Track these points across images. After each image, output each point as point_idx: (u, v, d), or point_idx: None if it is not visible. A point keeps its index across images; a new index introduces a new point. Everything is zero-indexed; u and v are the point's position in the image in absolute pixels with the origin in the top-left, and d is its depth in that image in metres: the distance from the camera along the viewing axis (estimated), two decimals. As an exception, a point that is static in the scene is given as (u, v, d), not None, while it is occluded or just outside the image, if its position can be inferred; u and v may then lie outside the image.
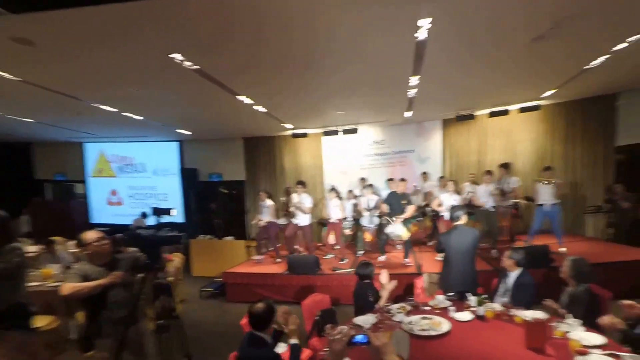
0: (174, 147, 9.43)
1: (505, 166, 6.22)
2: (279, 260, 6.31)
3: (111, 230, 8.91)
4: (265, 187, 8.90)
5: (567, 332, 2.26)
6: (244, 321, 2.94)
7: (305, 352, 2.93)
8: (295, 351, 2.23)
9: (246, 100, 5.47)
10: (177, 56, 3.70)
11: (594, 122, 7.03)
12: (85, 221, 9.85)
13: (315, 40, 3.58)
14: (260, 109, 6.07)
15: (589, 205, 7.10)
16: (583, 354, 1.96)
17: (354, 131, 7.77)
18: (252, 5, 2.86)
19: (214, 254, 7.30)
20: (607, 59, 4.50)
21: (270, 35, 3.41)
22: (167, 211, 3.39)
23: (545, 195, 5.48)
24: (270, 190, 8.83)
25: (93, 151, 9.98)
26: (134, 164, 9.87)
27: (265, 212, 6.32)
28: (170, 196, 9.63)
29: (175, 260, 5.29)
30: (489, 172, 5.93)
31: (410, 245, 5.56)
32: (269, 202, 6.34)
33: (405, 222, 5.67)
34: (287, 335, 2.29)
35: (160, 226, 3.16)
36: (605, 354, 1.96)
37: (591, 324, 2.40)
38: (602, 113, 6.96)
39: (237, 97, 5.28)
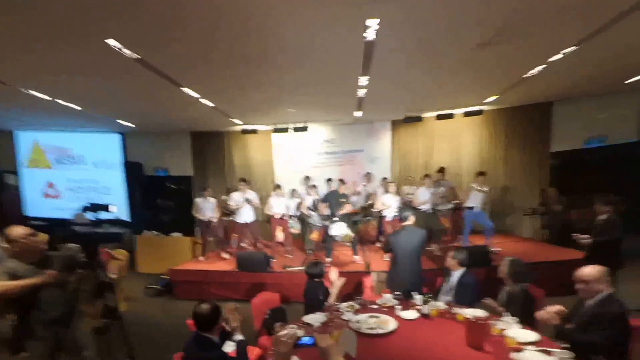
0: (116, 139, 9.37)
1: (441, 170, 6.53)
2: (226, 256, 6.61)
3: (48, 224, 8.16)
4: (215, 183, 9.13)
5: (504, 329, 2.48)
6: (191, 321, 2.86)
7: (255, 351, 3.06)
8: (241, 347, 2.26)
9: (192, 93, 5.58)
10: (115, 43, 3.60)
11: (532, 128, 7.87)
12: (19, 214, 9.61)
13: (266, 36, 3.68)
14: (208, 103, 6.24)
15: (525, 208, 7.89)
16: (518, 350, 2.16)
17: (304, 129, 8.15)
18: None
19: (160, 250, 7.49)
20: (543, 68, 5.09)
21: (219, 30, 3.48)
22: (105, 207, 3.11)
23: (476, 199, 6.01)
24: (219, 186, 8.59)
25: (26, 140, 9.72)
26: (72, 156, 9.69)
27: (209, 210, 6.52)
28: (113, 190, 9.68)
29: (118, 257, 5.38)
30: (427, 176, 6.50)
31: (357, 241, 5.97)
32: (213, 200, 6.62)
33: (354, 222, 5.72)
34: (231, 332, 2.31)
35: (99, 222, 2.89)
36: (538, 350, 2.16)
37: (526, 322, 2.66)
38: (539, 120, 7.80)
39: (182, 89, 5.36)
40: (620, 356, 2.17)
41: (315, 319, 2.85)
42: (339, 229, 5.38)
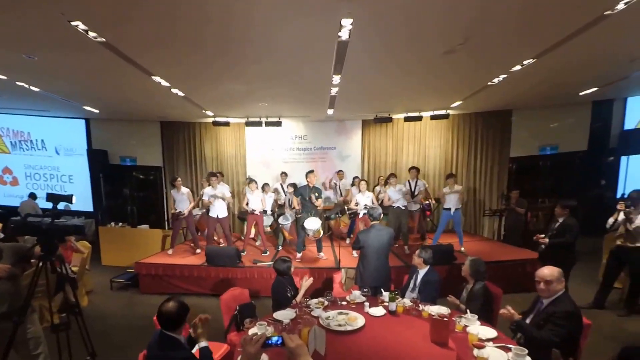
0: (80, 125, 8.87)
1: (415, 170, 6.74)
2: (198, 251, 6.50)
3: (4, 212, 7.62)
4: (186, 174, 8.97)
5: (466, 326, 2.60)
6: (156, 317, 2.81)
7: (223, 347, 3.04)
8: (205, 354, 2.17)
9: (162, 82, 5.33)
10: (79, 24, 3.40)
11: (493, 134, 8.31)
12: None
13: (233, 26, 3.55)
14: (178, 92, 5.98)
15: (486, 209, 8.36)
16: (479, 347, 2.23)
17: (278, 124, 8.18)
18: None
19: (126, 242, 7.25)
20: (505, 78, 5.38)
21: (184, 14, 3.29)
22: (68, 198, 2.94)
23: (452, 200, 6.18)
24: (190, 178, 8.35)
25: (-22, 122, 9.02)
26: (30, 140, 9.11)
27: (182, 202, 6.29)
28: (76, 178, 9.23)
29: (81, 249, 5.16)
30: (393, 175, 6.55)
31: (321, 239, 5.95)
32: (185, 190, 6.37)
33: (327, 218, 5.77)
34: (197, 338, 2.22)
35: (58, 213, 2.74)
36: (497, 346, 2.27)
37: (485, 318, 2.80)
38: (500, 126, 8.24)
39: (152, 77, 5.10)
40: (573, 351, 2.33)
41: (285, 315, 2.88)
42: (313, 224, 5.38)
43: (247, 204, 6.38)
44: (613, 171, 8.09)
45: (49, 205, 2.76)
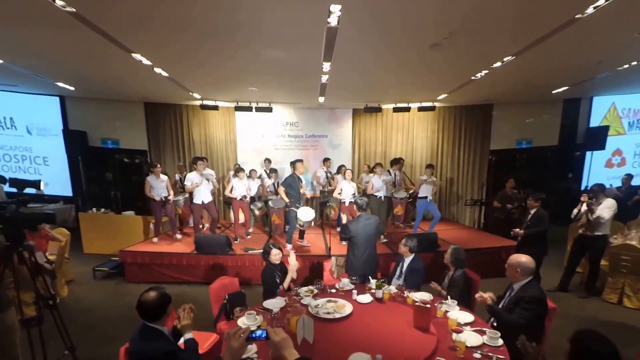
0: (54, 103, 8.29)
1: (396, 161, 6.91)
2: (178, 236, 6.49)
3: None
4: (173, 160, 8.75)
5: (447, 311, 2.79)
6: None
7: (212, 337, 3.06)
8: (190, 345, 2.13)
9: (144, 60, 5.03)
10: None
11: (475, 127, 8.68)
12: None
13: (221, 8, 3.46)
14: (162, 72, 5.67)
15: (467, 199, 8.80)
16: (458, 332, 2.42)
17: (268, 109, 8.04)
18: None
19: (110, 229, 7.05)
20: (487, 73, 5.65)
21: None
22: (34, 184, 2.77)
23: (427, 190, 6.48)
24: (178, 163, 8.16)
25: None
26: None
27: (161, 188, 6.20)
28: (52, 161, 8.73)
29: (58, 237, 4.90)
30: (379, 165, 6.69)
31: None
32: (165, 177, 6.31)
33: (321, 204, 5.85)
34: (182, 330, 2.20)
35: (24, 200, 2.61)
36: (474, 330, 2.47)
37: (465, 303, 3.01)
38: (482, 119, 8.60)
39: (132, 54, 4.80)
40: (539, 332, 2.59)
41: (275, 304, 2.92)
42: (308, 215, 5.39)
43: (231, 191, 6.40)
44: (579, 165, 8.71)
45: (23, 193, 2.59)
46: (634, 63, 5.41)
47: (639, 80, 6.97)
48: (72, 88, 7.13)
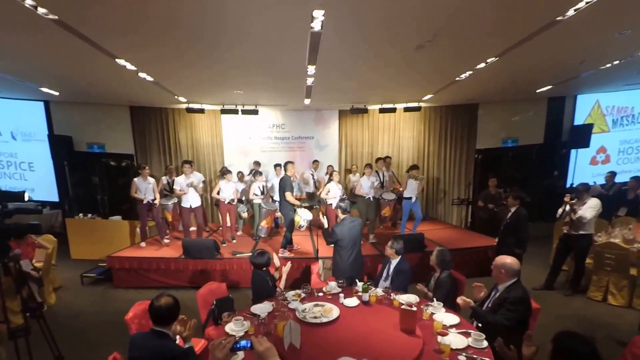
0: (38, 107, 8.14)
1: (384, 159, 6.89)
2: (166, 241, 6.43)
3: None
4: (160, 163, 8.63)
5: (433, 313, 2.78)
6: (129, 316, 2.85)
7: (200, 342, 3.06)
8: (193, 353, 2.15)
9: (128, 65, 4.97)
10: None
11: (461, 126, 8.68)
12: None
13: (203, 13, 3.43)
14: (147, 77, 5.61)
15: (454, 198, 8.82)
16: (443, 334, 2.39)
17: (254, 112, 7.98)
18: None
19: (97, 235, 6.92)
20: (470, 74, 5.66)
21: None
22: (18, 196, 2.71)
23: (412, 190, 6.46)
24: (165, 166, 8.06)
25: None
26: None
27: (148, 191, 6.10)
28: (37, 166, 8.56)
29: (44, 244, 4.87)
30: (369, 165, 6.68)
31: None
32: (152, 180, 6.22)
33: (310, 207, 5.82)
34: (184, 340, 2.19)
35: (9, 212, 2.56)
36: (459, 332, 2.47)
37: (451, 304, 2.99)
38: (467, 119, 8.61)
39: (115, 60, 4.73)
40: (523, 332, 2.58)
41: (262, 309, 2.90)
42: (306, 215, 5.29)
43: (218, 193, 6.32)
44: (564, 163, 8.80)
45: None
46: (616, 62, 5.44)
47: (621, 78, 7.03)
48: (56, 93, 6.99)
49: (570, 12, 3.45)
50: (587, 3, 3.24)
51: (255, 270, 3.48)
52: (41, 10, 3.23)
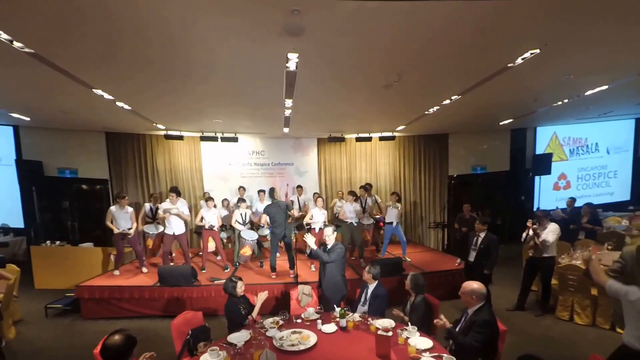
0: (7, 132, 7.86)
1: (365, 188, 7.11)
2: (145, 270, 6.20)
3: None
4: (137, 189, 8.45)
5: (408, 338, 2.83)
6: (99, 349, 2.66)
7: None
8: None
9: (105, 95, 5.01)
10: (1, 34, 3.11)
11: (433, 154, 9.19)
12: None
13: (175, 47, 3.51)
14: (124, 106, 5.63)
15: (431, 222, 9.15)
16: (416, 359, 2.48)
17: (234, 139, 8.11)
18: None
19: (65, 263, 6.59)
20: (438, 108, 6.18)
21: (123, 32, 3.17)
22: None
23: (393, 215, 6.61)
24: (142, 192, 7.90)
25: None
26: None
27: (124, 220, 5.94)
28: (3, 192, 8.15)
29: (6, 275, 4.52)
30: (352, 193, 6.87)
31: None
32: (130, 209, 6.08)
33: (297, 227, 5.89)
34: None
35: None
36: (432, 356, 2.52)
37: (426, 328, 3.10)
38: (439, 148, 9.13)
39: (93, 90, 4.77)
40: (492, 353, 2.73)
41: (239, 337, 2.86)
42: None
43: (201, 220, 6.25)
44: (530, 188, 9.37)
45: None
46: (566, 100, 6.07)
47: (573, 114, 7.84)
48: (27, 118, 6.80)
49: (519, 60, 3.92)
50: (531, 53, 3.73)
51: (230, 298, 3.46)
52: (17, 44, 3.26)
